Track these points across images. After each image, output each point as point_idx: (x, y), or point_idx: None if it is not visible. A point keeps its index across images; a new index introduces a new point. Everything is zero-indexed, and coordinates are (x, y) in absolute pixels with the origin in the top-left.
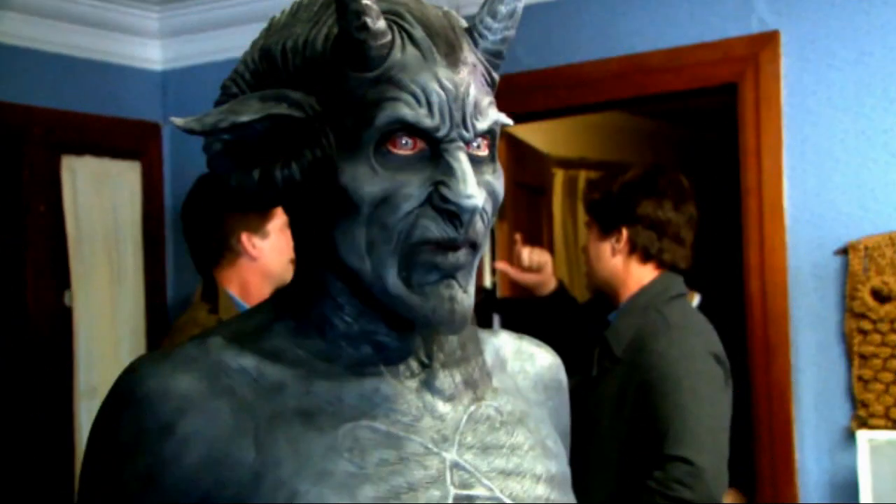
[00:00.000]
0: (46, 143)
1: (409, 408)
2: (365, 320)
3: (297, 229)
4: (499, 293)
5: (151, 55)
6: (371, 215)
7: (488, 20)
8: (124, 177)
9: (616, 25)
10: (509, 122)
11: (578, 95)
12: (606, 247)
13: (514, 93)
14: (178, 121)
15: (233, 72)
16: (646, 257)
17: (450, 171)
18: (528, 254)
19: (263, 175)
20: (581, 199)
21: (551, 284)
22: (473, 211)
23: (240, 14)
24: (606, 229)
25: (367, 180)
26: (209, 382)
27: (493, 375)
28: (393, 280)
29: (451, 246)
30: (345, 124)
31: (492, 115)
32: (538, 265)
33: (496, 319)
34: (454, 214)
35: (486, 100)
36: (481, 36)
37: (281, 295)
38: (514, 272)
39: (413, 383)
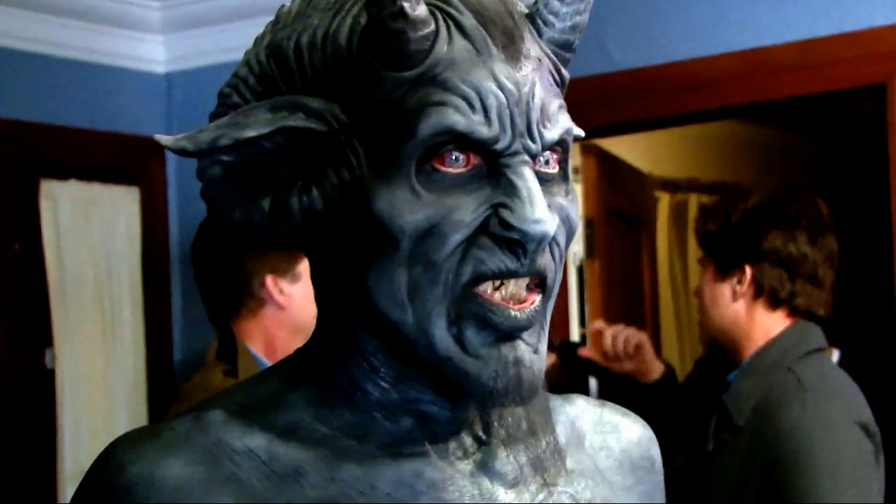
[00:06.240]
0: (20, 164)
1: (461, 496)
2: (405, 385)
3: (319, 273)
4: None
5: (153, 54)
6: (413, 251)
7: (554, 3)
8: (119, 205)
9: (732, 13)
10: (580, 132)
11: (686, 101)
12: (725, 289)
13: (605, 98)
14: (165, 139)
15: (232, 76)
16: (775, 302)
17: (512, 190)
18: (610, 337)
19: (276, 206)
20: (692, 231)
21: (655, 371)
22: (542, 239)
23: (263, 2)
24: (725, 268)
25: (407, 207)
26: (207, 469)
27: (568, 454)
28: (441, 335)
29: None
30: (378, 138)
31: (563, 123)
32: (631, 349)
33: (593, 384)
34: (517, 243)
35: (556, 103)
36: (546, 23)
37: (299, 355)
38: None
39: (466, 465)
